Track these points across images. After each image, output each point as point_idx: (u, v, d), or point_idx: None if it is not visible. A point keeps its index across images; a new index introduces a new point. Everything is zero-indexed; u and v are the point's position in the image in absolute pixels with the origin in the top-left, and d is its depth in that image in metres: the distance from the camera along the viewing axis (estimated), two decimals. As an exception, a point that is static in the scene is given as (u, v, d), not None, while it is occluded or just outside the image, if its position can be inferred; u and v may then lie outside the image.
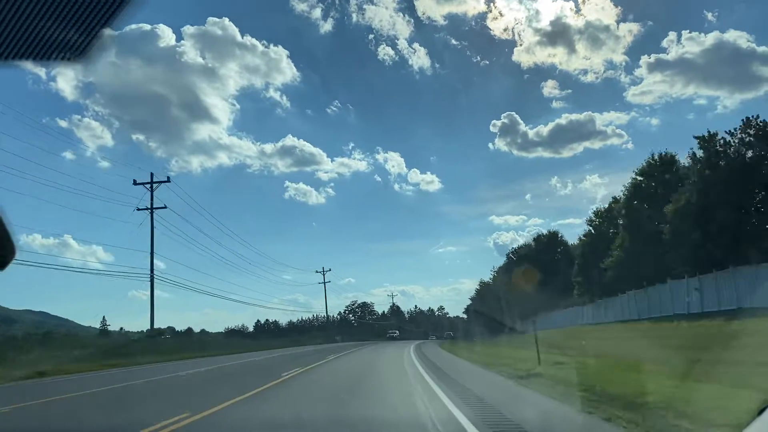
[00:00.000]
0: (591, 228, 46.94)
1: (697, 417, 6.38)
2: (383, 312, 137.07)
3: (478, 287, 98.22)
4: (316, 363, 22.73)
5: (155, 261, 37.91)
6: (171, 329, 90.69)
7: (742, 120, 27.11)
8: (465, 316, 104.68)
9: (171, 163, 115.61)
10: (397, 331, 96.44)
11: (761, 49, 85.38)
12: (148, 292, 38.01)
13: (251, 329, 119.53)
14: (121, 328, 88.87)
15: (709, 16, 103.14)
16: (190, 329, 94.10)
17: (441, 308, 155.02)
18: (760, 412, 1.50)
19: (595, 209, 47.60)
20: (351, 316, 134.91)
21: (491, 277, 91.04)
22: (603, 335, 29.68)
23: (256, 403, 10.45)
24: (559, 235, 65.38)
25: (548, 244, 63.67)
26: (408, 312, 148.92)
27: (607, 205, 46.00)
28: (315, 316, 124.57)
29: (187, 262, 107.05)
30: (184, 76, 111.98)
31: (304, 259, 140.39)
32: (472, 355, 23.69)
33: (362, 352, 34.26)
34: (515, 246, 78.02)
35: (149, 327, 40.59)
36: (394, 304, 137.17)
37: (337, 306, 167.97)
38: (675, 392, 8.11)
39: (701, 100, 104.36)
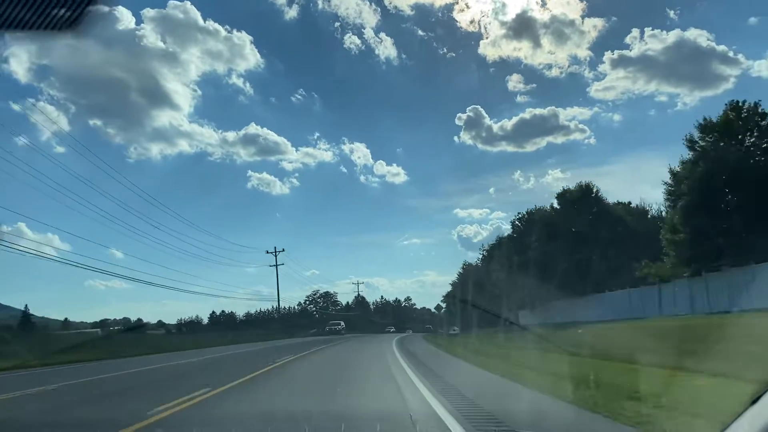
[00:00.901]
0: (699, 150, 28.22)
1: None
2: (348, 303, 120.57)
3: (461, 270, 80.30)
4: None
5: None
6: (126, 320, 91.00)
7: None
8: (441, 306, 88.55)
9: (129, 150, 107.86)
10: (342, 323, 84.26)
11: (720, 48, 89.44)
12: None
13: (206, 321, 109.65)
14: (66, 319, 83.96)
15: (671, 14, 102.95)
16: (140, 320, 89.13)
17: (408, 299, 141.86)
18: (754, 401, 1.43)
19: (701, 122, 28.94)
20: (312, 306, 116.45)
21: (480, 257, 73.09)
22: None
23: None
24: (594, 189, 47.06)
25: (579, 203, 45.86)
26: (374, 303, 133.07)
27: (720, 116, 27.51)
28: (273, 307, 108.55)
29: (145, 252, 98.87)
30: (144, 61, 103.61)
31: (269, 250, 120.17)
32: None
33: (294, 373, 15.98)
34: (519, 218, 59.90)
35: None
36: (358, 294, 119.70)
37: (300, 298, 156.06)
38: None
39: (662, 96, 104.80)
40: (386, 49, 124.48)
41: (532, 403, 8.33)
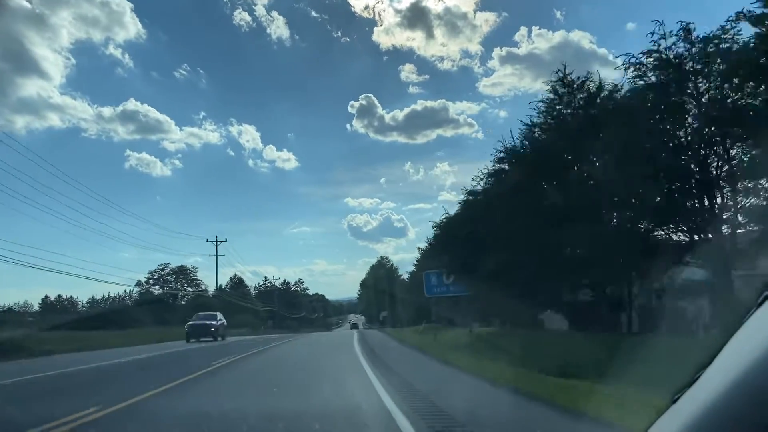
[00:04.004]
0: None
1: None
2: (221, 286, 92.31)
3: (444, 218, 50.37)
4: None
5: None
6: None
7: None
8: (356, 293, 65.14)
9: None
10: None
11: (601, 50, 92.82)
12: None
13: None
14: None
15: (558, 14, 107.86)
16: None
17: (300, 281, 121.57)
18: (674, 401, 1.51)
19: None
20: (158, 288, 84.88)
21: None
22: None
23: None
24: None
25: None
26: (256, 287, 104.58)
27: None
28: (128, 291, 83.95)
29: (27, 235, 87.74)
30: (6, 21, 74.62)
31: (146, 236, 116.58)
32: None
33: None
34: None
35: None
36: (235, 275, 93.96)
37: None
38: None
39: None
40: (278, 28, 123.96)
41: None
